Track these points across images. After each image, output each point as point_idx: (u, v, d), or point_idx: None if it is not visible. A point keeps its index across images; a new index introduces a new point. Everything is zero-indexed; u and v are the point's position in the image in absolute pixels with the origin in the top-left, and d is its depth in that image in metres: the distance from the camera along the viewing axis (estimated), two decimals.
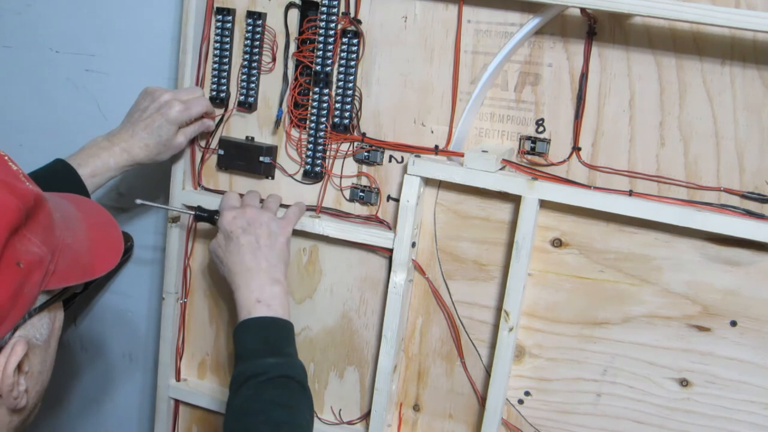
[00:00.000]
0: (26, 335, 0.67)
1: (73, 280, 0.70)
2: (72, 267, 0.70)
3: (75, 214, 0.77)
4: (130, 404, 1.35)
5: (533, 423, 1.02)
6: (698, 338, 0.93)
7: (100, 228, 0.79)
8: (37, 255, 0.66)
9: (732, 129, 0.89)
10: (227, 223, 0.98)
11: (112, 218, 0.82)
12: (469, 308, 1.02)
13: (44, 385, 0.74)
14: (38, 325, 0.69)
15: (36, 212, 0.66)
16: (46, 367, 0.73)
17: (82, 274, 0.72)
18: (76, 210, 0.78)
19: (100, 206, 0.85)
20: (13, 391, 0.66)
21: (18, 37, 1.26)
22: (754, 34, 0.85)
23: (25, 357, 0.67)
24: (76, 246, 0.72)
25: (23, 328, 0.67)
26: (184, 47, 1.06)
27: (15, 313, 0.65)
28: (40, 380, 0.72)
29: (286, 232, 0.99)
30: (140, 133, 1.01)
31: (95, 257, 0.74)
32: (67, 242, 0.71)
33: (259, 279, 0.94)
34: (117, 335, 1.32)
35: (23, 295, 0.65)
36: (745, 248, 0.89)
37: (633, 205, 0.90)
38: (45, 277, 0.67)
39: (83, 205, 0.81)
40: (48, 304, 0.69)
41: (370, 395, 1.06)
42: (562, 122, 0.95)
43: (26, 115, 1.29)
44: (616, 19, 0.90)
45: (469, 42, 0.96)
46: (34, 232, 0.66)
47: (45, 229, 0.67)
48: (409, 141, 1.01)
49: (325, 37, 1.01)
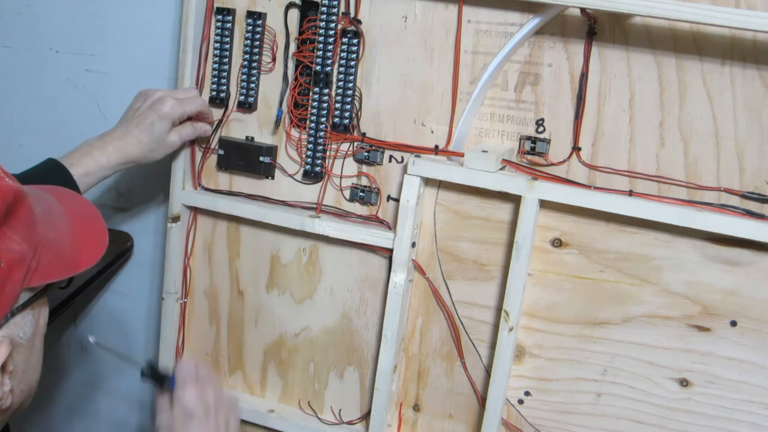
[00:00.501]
0: (9, 335, 0.66)
1: (57, 275, 0.69)
2: (55, 262, 0.69)
3: (57, 207, 0.74)
4: (130, 404, 1.35)
5: (533, 423, 1.02)
6: (698, 338, 0.93)
7: (83, 220, 0.77)
8: (18, 252, 0.64)
9: (732, 129, 0.89)
10: (189, 401, 0.86)
11: (96, 210, 0.80)
12: (469, 308, 1.02)
13: (31, 384, 0.73)
14: (21, 324, 0.67)
15: (16, 208, 0.64)
16: (31, 366, 0.71)
17: (66, 269, 0.70)
18: (59, 203, 0.75)
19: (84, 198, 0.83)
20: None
21: (18, 37, 1.26)
22: (754, 34, 0.85)
23: (9, 357, 0.66)
24: (59, 240, 0.70)
25: (6, 327, 0.65)
26: (184, 47, 1.06)
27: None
28: (25, 379, 0.71)
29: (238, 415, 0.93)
30: (133, 130, 1.00)
31: (79, 251, 0.72)
32: (49, 237, 0.69)
33: None
34: (117, 335, 1.32)
35: (5, 294, 0.63)
36: (745, 248, 0.89)
37: (633, 205, 0.90)
38: (27, 275, 0.65)
39: (66, 197, 0.79)
40: (31, 302, 0.68)
41: (370, 395, 1.06)
42: (562, 122, 0.95)
43: (26, 115, 1.29)
44: (616, 19, 0.90)
45: (469, 42, 0.96)
46: (14, 230, 0.64)
47: (25, 225, 0.65)
48: (409, 141, 1.01)
49: (325, 37, 1.01)
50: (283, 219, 1.05)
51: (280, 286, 1.11)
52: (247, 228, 1.11)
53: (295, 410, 1.14)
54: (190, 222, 1.13)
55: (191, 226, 1.13)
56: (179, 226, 1.12)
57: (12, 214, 0.64)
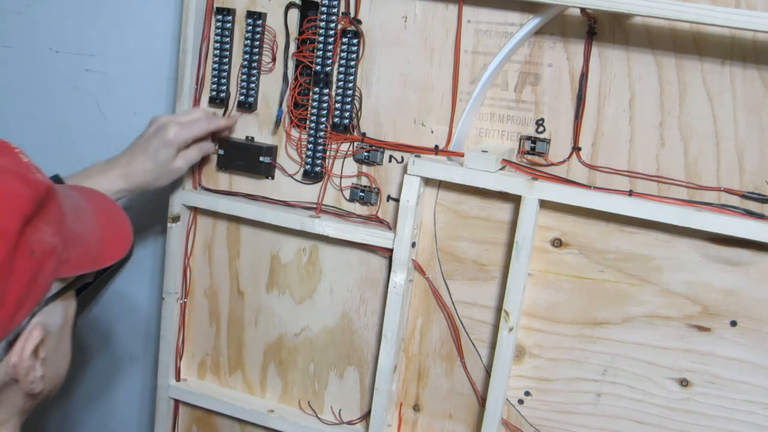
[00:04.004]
0: (42, 322, 0.69)
1: (86, 268, 0.73)
2: (83, 256, 0.72)
3: (84, 204, 0.78)
4: (130, 404, 1.35)
5: (533, 423, 1.02)
6: (698, 338, 0.93)
7: (109, 218, 0.81)
8: (50, 244, 0.67)
9: (732, 129, 0.89)
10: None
11: (120, 208, 0.84)
12: (469, 308, 1.02)
13: (60, 373, 0.77)
14: (53, 313, 0.71)
15: (48, 202, 0.68)
16: (60, 354, 0.75)
17: (93, 263, 0.74)
18: (85, 201, 0.79)
19: (108, 197, 0.87)
20: (30, 376, 0.69)
21: (18, 37, 1.26)
22: (754, 34, 0.85)
23: (41, 343, 0.69)
24: (86, 236, 0.74)
25: (39, 315, 0.69)
26: (184, 47, 1.06)
27: (31, 301, 0.67)
28: (55, 367, 0.74)
29: None
30: (138, 158, 1.00)
31: (105, 246, 0.76)
32: (77, 232, 0.72)
33: None
34: (117, 335, 1.32)
35: (37, 283, 0.67)
36: (745, 248, 0.89)
37: (633, 205, 0.90)
38: (58, 266, 0.69)
39: (91, 195, 0.83)
40: (61, 293, 0.71)
41: (370, 395, 1.06)
42: (562, 122, 0.95)
43: (26, 115, 1.29)
44: (616, 19, 0.90)
45: (469, 42, 0.96)
46: (46, 222, 0.67)
47: (57, 219, 0.69)
48: (409, 141, 1.01)
49: (325, 37, 1.01)
50: (283, 219, 1.05)
51: (280, 286, 1.11)
52: (247, 228, 1.11)
53: (295, 410, 1.14)
54: (190, 222, 1.13)
55: (191, 226, 1.13)
56: (179, 226, 1.12)
57: (44, 207, 0.67)
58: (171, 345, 1.16)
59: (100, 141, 1.21)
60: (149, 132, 1.01)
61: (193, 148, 1.04)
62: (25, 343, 0.68)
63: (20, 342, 0.67)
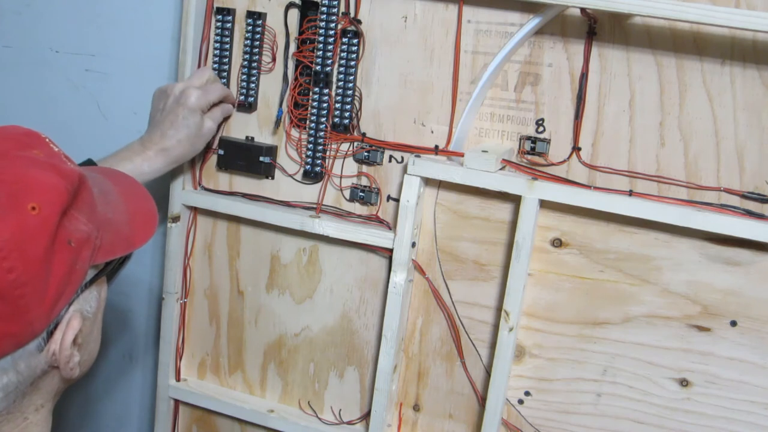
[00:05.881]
0: (79, 309, 0.70)
1: (118, 252, 0.73)
2: (115, 240, 0.73)
3: (111, 187, 0.79)
4: (130, 404, 1.35)
5: (533, 423, 1.02)
6: (698, 338, 0.93)
7: (135, 199, 0.81)
8: (85, 232, 0.68)
9: (732, 129, 0.89)
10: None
11: (145, 190, 0.84)
12: (469, 308, 1.02)
13: (93, 356, 0.78)
14: (89, 299, 0.72)
15: (80, 191, 0.68)
16: (93, 338, 0.76)
17: (124, 246, 0.74)
18: (112, 184, 0.80)
19: (132, 178, 0.87)
20: (70, 363, 0.70)
21: (18, 37, 1.26)
22: (754, 34, 0.85)
23: (79, 330, 0.70)
24: (116, 219, 0.74)
25: (76, 302, 0.70)
26: (184, 47, 1.06)
27: (70, 290, 0.67)
28: (89, 350, 0.76)
29: None
30: (168, 132, 0.99)
31: (135, 229, 0.77)
32: (108, 217, 0.73)
33: None
34: (117, 335, 1.32)
35: (76, 271, 0.67)
36: (745, 248, 0.89)
37: (633, 205, 0.90)
38: (93, 253, 0.69)
39: (117, 178, 0.84)
40: (96, 279, 0.72)
41: (370, 395, 1.06)
42: (562, 122, 0.95)
43: (26, 115, 1.29)
44: (616, 19, 0.90)
45: (469, 42, 0.96)
46: (80, 211, 0.68)
47: (89, 206, 0.69)
48: (409, 141, 1.01)
49: (325, 37, 1.01)
50: (283, 219, 1.05)
51: (280, 286, 1.11)
52: (247, 228, 1.11)
53: (295, 410, 1.14)
54: (190, 222, 1.13)
55: (191, 226, 1.13)
56: (179, 226, 1.12)
57: (77, 196, 0.68)
58: (171, 345, 1.16)
59: (100, 141, 1.21)
60: (169, 103, 1.00)
61: (215, 109, 1.04)
62: (65, 332, 0.68)
63: (59, 331, 0.68)
